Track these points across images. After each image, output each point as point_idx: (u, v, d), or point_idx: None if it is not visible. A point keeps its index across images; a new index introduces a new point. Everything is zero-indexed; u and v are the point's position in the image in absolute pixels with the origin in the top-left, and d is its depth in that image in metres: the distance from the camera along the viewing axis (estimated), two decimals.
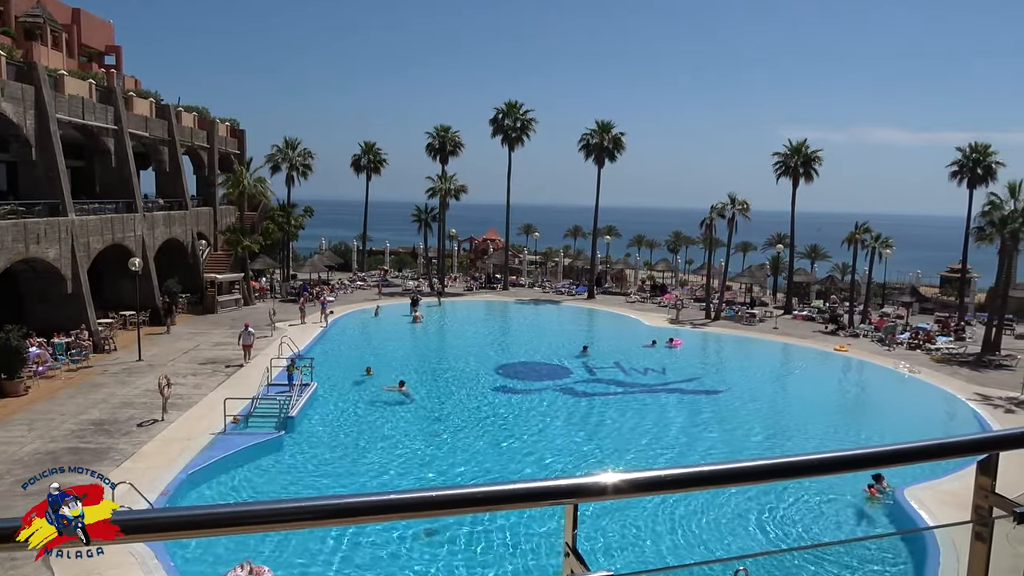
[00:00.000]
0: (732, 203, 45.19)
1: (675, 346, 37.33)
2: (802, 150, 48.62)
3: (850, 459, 2.26)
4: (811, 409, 27.15)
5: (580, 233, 70.76)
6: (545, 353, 35.36)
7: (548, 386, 29.22)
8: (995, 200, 35.13)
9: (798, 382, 32.23)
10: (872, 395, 30.84)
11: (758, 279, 56.45)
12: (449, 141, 57.01)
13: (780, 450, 22.38)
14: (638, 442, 22.85)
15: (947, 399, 28.38)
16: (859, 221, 44.58)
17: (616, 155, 52.82)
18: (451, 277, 60.10)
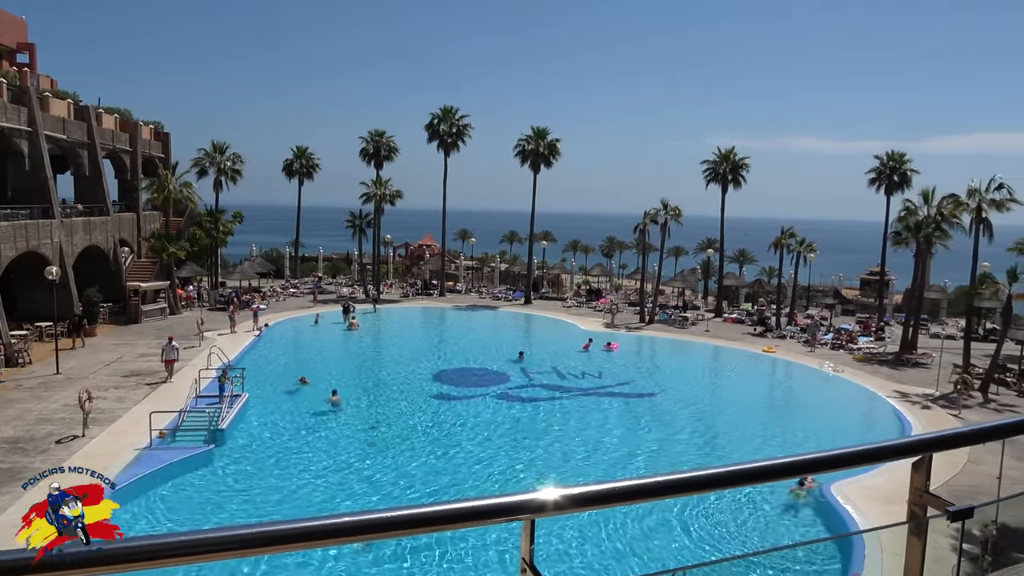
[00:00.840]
0: (665, 209, 46.21)
1: (612, 350, 37.83)
2: (730, 157, 50.16)
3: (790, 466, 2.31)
4: (744, 410, 27.91)
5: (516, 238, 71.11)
6: (483, 359, 35.31)
7: (487, 392, 29.16)
8: (910, 206, 36.98)
9: (730, 384, 33.11)
10: (800, 395, 31.95)
11: (690, 283, 57.89)
12: (384, 146, 56.47)
13: (719, 452, 22.93)
14: (581, 447, 23.01)
15: (869, 397, 29.63)
16: (784, 226, 46.20)
17: (552, 161, 53.27)
18: (387, 283, 59.45)
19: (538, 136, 52.84)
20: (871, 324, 45.19)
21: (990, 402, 28.80)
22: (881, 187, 46.75)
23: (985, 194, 32.98)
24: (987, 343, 38.49)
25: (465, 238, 71.12)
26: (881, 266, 49.31)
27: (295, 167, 59.62)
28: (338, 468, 20.45)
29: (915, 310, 38.53)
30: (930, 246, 36.26)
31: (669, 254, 60.95)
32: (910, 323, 38.09)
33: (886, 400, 28.56)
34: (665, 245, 49.24)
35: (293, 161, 59.66)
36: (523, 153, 53.10)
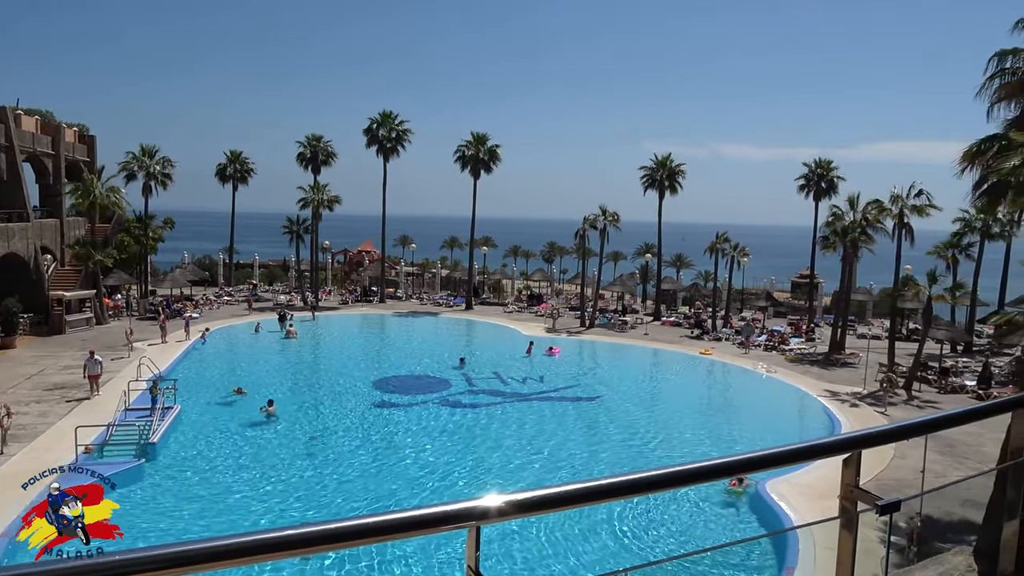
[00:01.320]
0: (603, 214, 46.84)
1: (554, 354, 38.12)
2: (667, 164, 51.16)
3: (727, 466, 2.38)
4: (684, 412, 28.50)
5: (457, 244, 70.98)
6: (424, 366, 35.10)
7: (428, 399, 28.98)
8: (837, 212, 38.47)
9: (670, 386, 33.77)
10: (736, 396, 32.82)
11: (629, 287, 58.78)
12: (321, 150, 55.58)
13: (660, 454, 23.32)
14: (525, 452, 23.08)
15: (801, 396, 30.64)
16: (719, 231, 47.43)
17: (492, 166, 53.39)
18: (325, 291, 58.52)
19: (478, 142, 52.92)
20: (802, 326, 46.73)
21: (913, 399, 30.13)
22: (809, 193, 48.47)
23: (906, 200, 34.56)
24: (910, 343, 40.25)
25: (405, 244, 70.59)
26: (811, 269, 51.08)
27: (229, 172, 58.12)
28: (275, 480, 19.98)
29: (843, 312, 40.05)
30: (856, 250, 37.77)
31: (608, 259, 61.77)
32: (838, 324, 39.58)
33: (817, 399, 29.57)
34: (604, 250, 49.98)
35: (227, 166, 58.15)
36: (463, 159, 53.09)
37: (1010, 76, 20.34)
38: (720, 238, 46.62)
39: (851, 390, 30.92)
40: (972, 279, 40.40)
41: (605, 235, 47.13)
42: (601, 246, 48.11)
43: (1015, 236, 38.85)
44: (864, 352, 36.08)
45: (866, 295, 52.73)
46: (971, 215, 38.35)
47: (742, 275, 52.39)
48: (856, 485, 2.67)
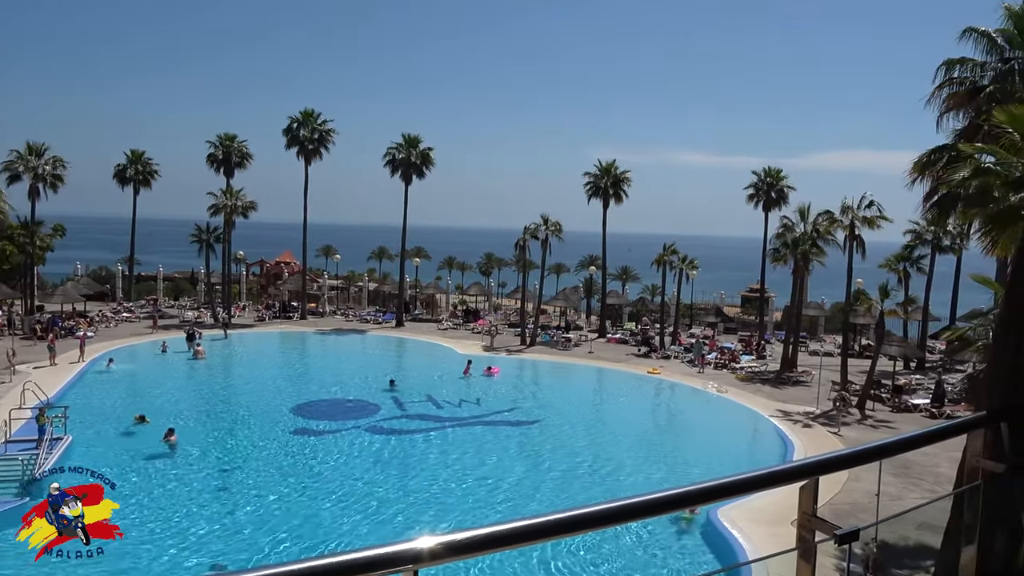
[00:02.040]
0: (545, 224, 47.23)
1: (493, 374, 38.11)
2: (611, 171, 51.98)
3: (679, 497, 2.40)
4: (631, 435, 28.85)
5: (387, 255, 70.42)
6: (350, 389, 34.64)
7: (355, 426, 28.57)
8: (787, 223, 39.75)
9: (616, 408, 34.17)
10: (686, 416, 33.42)
11: (572, 302, 59.36)
12: (235, 151, 54.48)
13: (607, 482, 23.49)
14: (460, 483, 22.92)
15: (752, 417, 31.42)
16: (667, 243, 48.35)
17: (424, 171, 53.26)
18: (239, 306, 57.18)
19: (409, 144, 52.73)
20: (752, 342, 48.00)
21: (867, 418, 31.25)
22: (759, 203, 49.88)
23: (857, 211, 35.97)
24: (863, 359, 41.80)
25: (329, 254, 69.62)
26: (761, 283, 52.47)
27: (129, 173, 56.26)
28: (180, 520, 19.30)
29: (794, 327, 41.36)
30: (807, 263, 39.06)
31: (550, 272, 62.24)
32: (790, 341, 40.82)
33: (769, 420, 30.37)
34: (546, 262, 50.34)
35: (127, 167, 56.28)
36: (393, 162, 52.79)
37: (958, 86, 21.38)
38: (668, 249, 47.54)
39: (804, 409, 31.86)
40: (924, 293, 42.31)
41: (547, 246, 47.54)
42: (543, 258, 48.51)
43: (965, 249, 40.83)
44: (816, 369, 37.26)
45: (818, 310, 54.60)
46: (922, 227, 40.17)
47: (691, 289, 53.67)
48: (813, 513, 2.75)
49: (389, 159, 52.98)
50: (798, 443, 26.73)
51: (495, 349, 44.85)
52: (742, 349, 45.96)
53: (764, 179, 49.29)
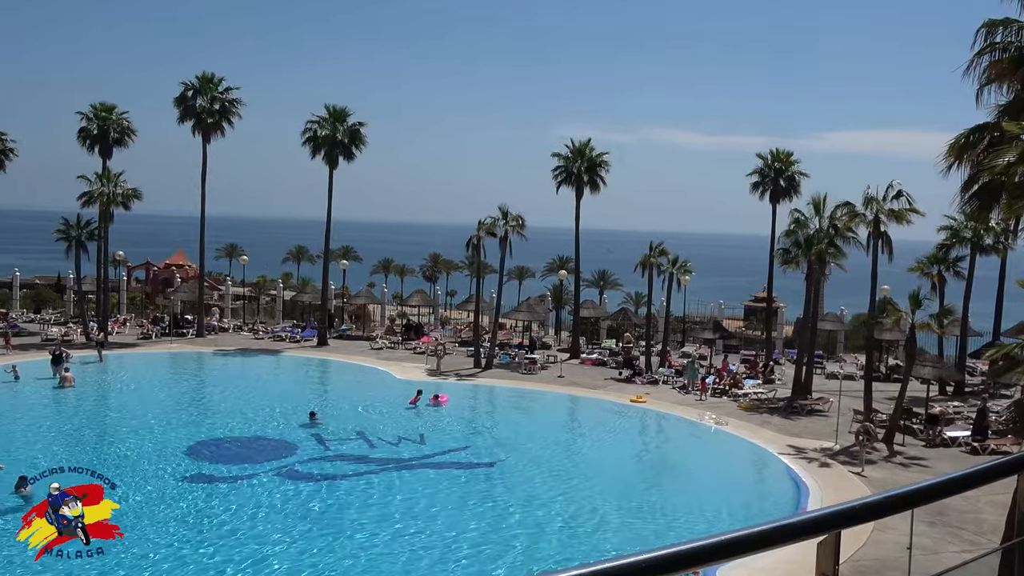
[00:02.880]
0: (504, 218, 47.15)
1: (440, 404, 37.96)
2: (586, 153, 52.32)
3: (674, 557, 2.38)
4: (612, 479, 28.90)
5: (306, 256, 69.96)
6: (259, 424, 34.25)
7: (264, 470, 28.18)
8: (799, 217, 40.31)
9: (592, 446, 34.21)
10: (678, 456, 33.64)
11: (538, 315, 59.48)
12: (114, 126, 53.61)
13: (578, 540, 23.47)
14: (394, 542, 22.71)
15: (758, 455, 31.77)
16: (654, 241, 48.73)
17: (354, 152, 53.08)
18: (118, 321, 56.21)
19: (335, 118, 52.45)
20: (758, 363, 48.56)
21: (896, 455, 31.81)
22: (765, 193, 50.53)
23: (883, 203, 36.49)
24: (890, 383, 42.54)
25: (234, 255, 68.91)
26: (768, 291, 53.12)
27: None
28: None
29: (808, 345, 41.91)
30: (823, 266, 39.68)
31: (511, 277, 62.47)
32: (803, 361, 41.36)
33: (778, 458, 30.74)
34: (506, 265, 50.38)
35: None
36: (314, 141, 52.48)
37: (1001, 52, 21.72)
38: (655, 249, 47.90)
39: (820, 445, 32.32)
40: (962, 302, 43.10)
41: (507, 245, 47.49)
42: (501, 260, 48.49)
43: (1011, 249, 41.78)
44: (835, 396, 37.80)
45: (836, 323, 55.45)
46: (960, 223, 41.08)
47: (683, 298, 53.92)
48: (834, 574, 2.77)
49: (308, 136, 52.68)
50: (814, 486, 27.09)
51: (442, 373, 44.72)
52: (746, 372, 46.50)
53: (771, 163, 49.95)
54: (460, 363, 47.97)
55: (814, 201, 40.00)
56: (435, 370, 45.30)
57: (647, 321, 51.45)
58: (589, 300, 60.51)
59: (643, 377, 45.10)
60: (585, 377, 45.43)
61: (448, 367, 46.20)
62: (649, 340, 49.90)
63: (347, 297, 63.06)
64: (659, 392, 42.16)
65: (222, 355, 49.03)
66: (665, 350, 50.19)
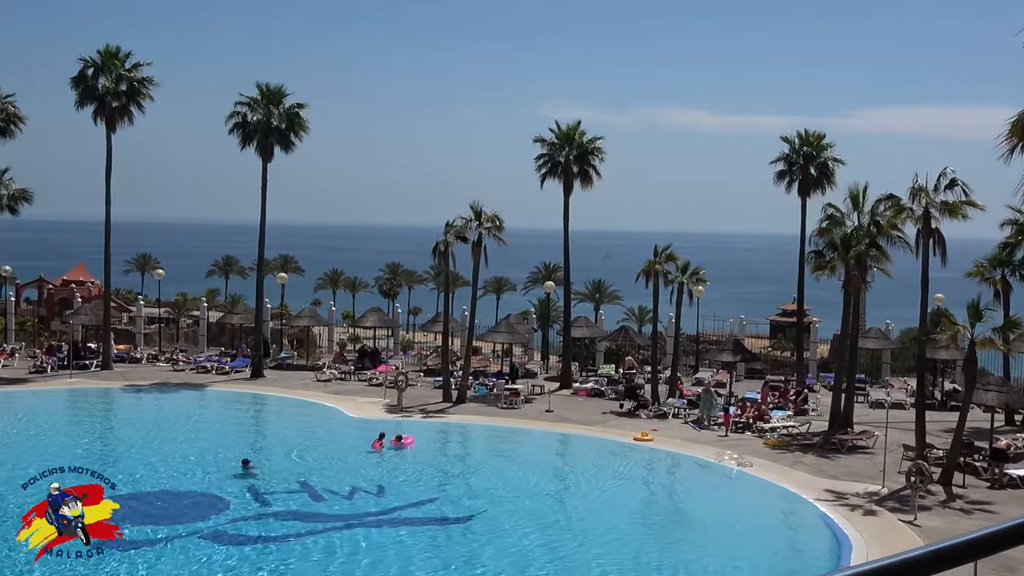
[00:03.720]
0: (477, 218, 47.04)
1: (404, 447, 37.78)
2: (575, 138, 52.30)
3: None
4: (611, 539, 28.78)
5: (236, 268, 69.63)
6: (182, 475, 33.98)
7: (188, 531, 27.96)
8: (834, 213, 40.42)
9: (588, 496, 34.06)
10: (691, 505, 33.57)
11: (521, 336, 59.35)
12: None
13: None
14: None
15: (789, 502, 31.78)
16: (660, 245, 48.59)
17: (292, 140, 52.91)
18: (4, 351, 55.78)
19: (269, 99, 52.26)
20: (788, 391, 48.55)
21: (955, 499, 31.85)
22: (793, 184, 50.62)
23: (934, 194, 36.60)
24: (947, 412, 42.64)
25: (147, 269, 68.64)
26: (798, 303, 53.19)
27: None
28: None
29: (848, 367, 41.95)
30: (864, 272, 39.75)
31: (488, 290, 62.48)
32: (842, 387, 41.39)
33: (814, 505, 30.72)
34: (481, 277, 50.26)
35: None
36: (243, 127, 52.27)
37: None
38: (661, 254, 47.80)
39: (864, 488, 32.33)
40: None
41: (482, 252, 47.39)
42: (475, 270, 48.38)
43: None
44: (881, 429, 37.88)
45: (881, 341, 55.51)
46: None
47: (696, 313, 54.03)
48: None
49: (237, 122, 52.47)
50: (857, 539, 27.10)
51: (405, 409, 44.53)
52: (774, 401, 46.50)
53: (798, 148, 50.07)
54: (426, 396, 47.82)
55: (852, 193, 40.08)
56: (396, 405, 45.09)
57: (653, 342, 51.44)
58: (583, 317, 60.38)
59: (649, 410, 45.04)
60: (579, 411, 45.37)
61: (412, 401, 46.00)
62: (656, 365, 49.88)
63: (287, 318, 62.77)
64: (669, 427, 42.15)
65: (134, 392, 48.62)
66: (675, 377, 50.12)
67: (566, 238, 52.48)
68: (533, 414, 44.66)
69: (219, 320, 64.00)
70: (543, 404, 46.29)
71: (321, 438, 39.74)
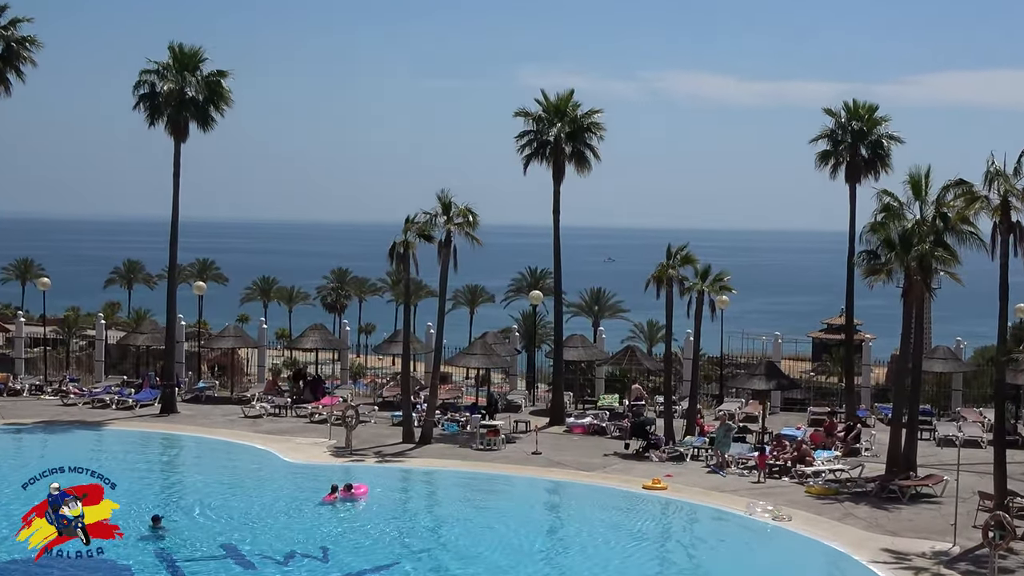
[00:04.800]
0: (445, 213, 47.02)
1: (355, 499, 37.73)
2: (567, 111, 52.32)
3: None
4: None
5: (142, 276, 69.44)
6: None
7: None
8: (891, 204, 40.46)
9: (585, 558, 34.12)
10: (716, 571, 33.61)
11: (500, 360, 59.34)
12: None
13: None
14: None
15: (838, 565, 31.85)
16: (674, 245, 48.54)
17: (212, 116, 52.83)
18: None
19: (183, 65, 52.15)
20: (836, 425, 48.62)
21: None
22: (839, 168, 50.78)
23: (1014, 179, 36.65)
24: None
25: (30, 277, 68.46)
26: (847, 315, 53.37)
27: None
28: None
29: (910, 396, 42.04)
30: (928, 276, 39.84)
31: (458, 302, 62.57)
32: (902, 421, 41.49)
33: (868, 568, 30.83)
34: (451, 285, 50.21)
35: None
36: (151, 98, 52.16)
37: None
38: (676, 256, 47.81)
39: (931, 547, 32.43)
40: None
41: (450, 252, 47.37)
42: (443, 277, 48.30)
43: None
44: (951, 473, 38.06)
45: (951, 362, 55.70)
46: None
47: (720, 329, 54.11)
48: None
49: (144, 93, 52.37)
50: None
51: (356, 452, 44.49)
52: (818, 439, 46.50)
53: (846, 123, 50.24)
54: (382, 436, 47.84)
55: (912, 178, 40.00)
56: (344, 447, 45.02)
57: (666, 365, 51.49)
58: (578, 335, 60.33)
59: (662, 451, 45.08)
60: (574, 453, 45.42)
61: (364, 442, 45.99)
62: (670, 394, 49.91)
63: (206, 338, 62.67)
64: (687, 472, 42.12)
65: (12, 432, 48.56)
66: (694, 409, 50.18)
67: (556, 236, 52.32)
68: (517, 457, 44.65)
69: (120, 341, 63.79)
70: (529, 444, 46.28)
71: (250, 488, 39.67)
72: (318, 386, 57.78)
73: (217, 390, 58.62)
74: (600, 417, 51.82)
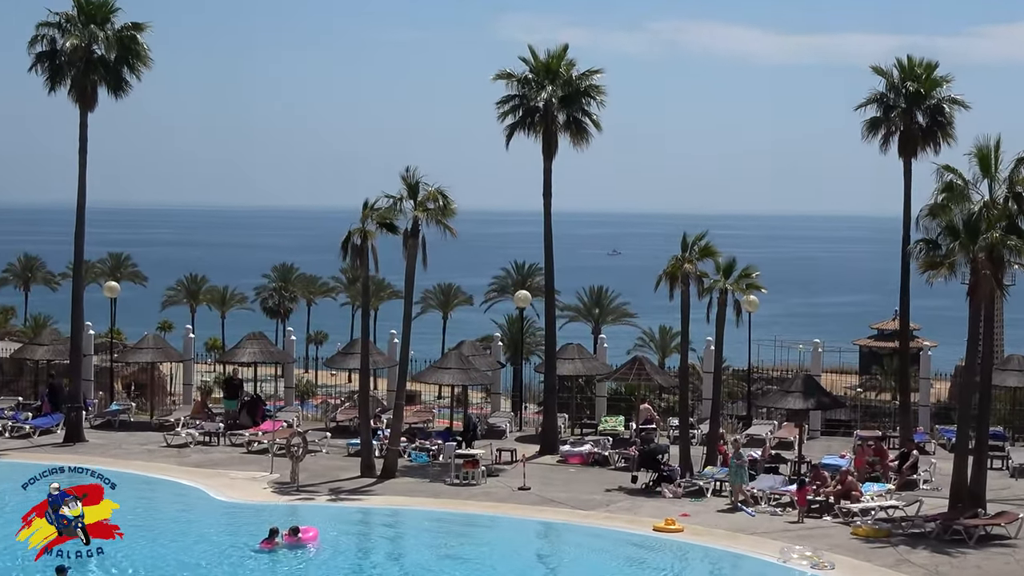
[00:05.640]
0: (412, 196, 46.89)
1: (302, 544, 37.66)
2: (560, 71, 52.20)
3: None
4: None
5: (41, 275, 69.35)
6: None
7: None
8: (954, 182, 40.43)
9: None
10: None
11: (480, 375, 59.32)
12: None
13: None
14: None
15: None
16: (690, 234, 48.39)
17: (127, 80, 52.76)
18: None
19: (89, 15, 51.95)
20: (887, 452, 48.63)
21: None
22: (890, 139, 50.84)
23: None
24: None
25: None
26: (901, 318, 53.37)
27: None
28: None
29: (978, 416, 42.06)
30: (1000, 270, 39.84)
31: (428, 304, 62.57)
32: (968, 447, 41.49)
33: None
34: (419, 284, 50.14)
35: None
36: (50, 57, 52.00)
37: None
38: (693, 248, 47.76)
39: None
40: None
41: (418, 245, 47.28)
42: (409, 274, 48.27)
43: None
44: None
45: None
46: None
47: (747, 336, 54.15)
48: None
49: (42, 51, 52.21)
50: None
51: (304, 488, 44.42)
52: (865, 469, 46.50)
53: (899, 85, 50.31)
54: (336, 469, 47.86)
55: (980, 152, 39.98)
56: (289, 483, 44.97)
57: (681, 380, 51.50)
58: (575, 345, 60.42)
59: (677, 485, 45.07)
60: (570, 488, 45.42)
61: (314, 477, 45.95)
62: (687, 415, 49.86)
63: (120, 351, 62.56)
64: (705, 512, 42.08)
65: None
66: (716, 433, 50.17)
67: (548, 224, 52.25)
68: (501, 493, 44.64)
69: (15, 355, 63.69)
70: (516, 478, 46.28)
71: (174, 533, 39.59)
72: (257, 408, 57.68)
73: (134, 413, 58.55)
74: (602, 444, 51.87)
